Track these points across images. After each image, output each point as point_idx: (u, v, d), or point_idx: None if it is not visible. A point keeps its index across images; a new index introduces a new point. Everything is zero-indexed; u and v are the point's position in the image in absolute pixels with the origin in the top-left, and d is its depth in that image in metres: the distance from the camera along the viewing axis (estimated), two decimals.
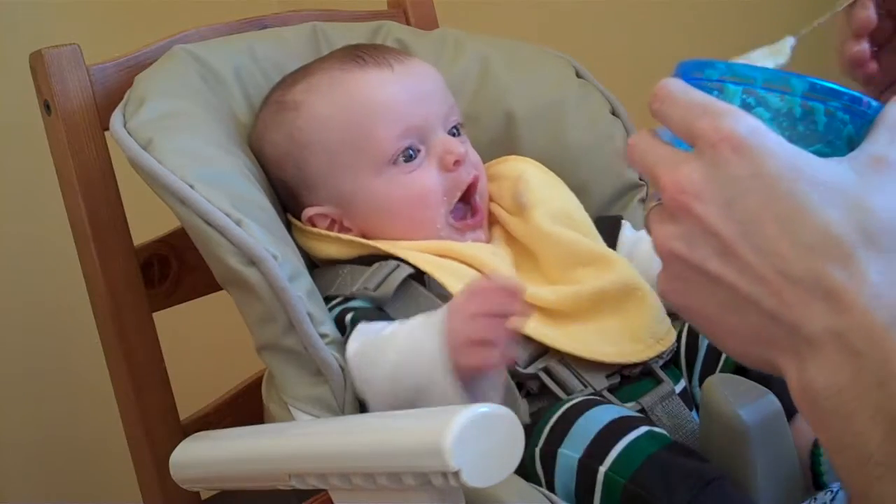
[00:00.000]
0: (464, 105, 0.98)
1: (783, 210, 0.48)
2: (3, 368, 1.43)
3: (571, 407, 0.72)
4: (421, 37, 1.06)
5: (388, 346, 0.74)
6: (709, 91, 0.52)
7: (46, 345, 1.47)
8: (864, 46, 0.68)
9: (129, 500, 1.04)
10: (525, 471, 0.70)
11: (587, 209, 0.92)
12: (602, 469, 0.67)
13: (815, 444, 0.71)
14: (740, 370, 0.73)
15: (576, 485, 0.68)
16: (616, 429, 0.69)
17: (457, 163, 0.86)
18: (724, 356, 0.80)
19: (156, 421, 0.90)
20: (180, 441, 0.84)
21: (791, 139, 0.51)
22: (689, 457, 0.67)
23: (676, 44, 1.48)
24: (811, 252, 0.47)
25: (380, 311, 0.81)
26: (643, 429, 0.69)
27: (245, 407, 0.98)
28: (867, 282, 0.46)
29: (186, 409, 0.96)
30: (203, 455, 0.82)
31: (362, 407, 0.78)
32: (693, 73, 0.54)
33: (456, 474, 0.56)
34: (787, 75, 0.52)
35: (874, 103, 0.53)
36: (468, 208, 0.89)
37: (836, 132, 0.52)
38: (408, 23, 1.11)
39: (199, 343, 1.48)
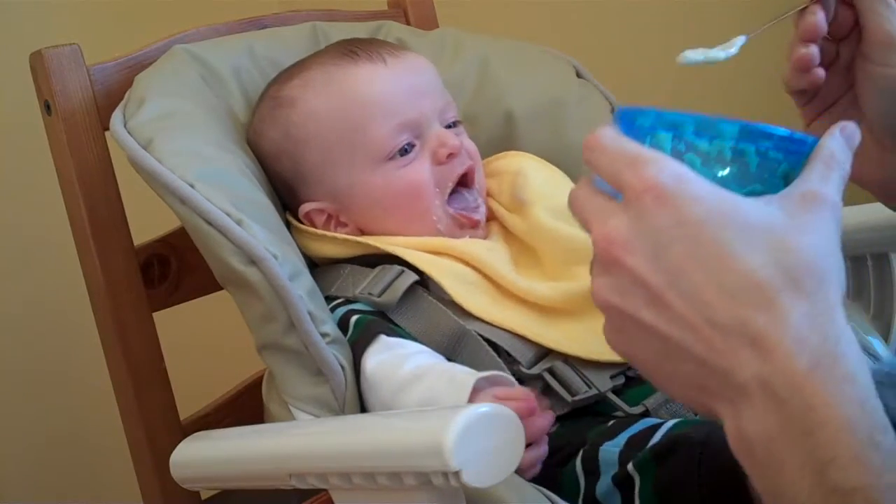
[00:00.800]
0: (463, 105, 0.98)
1: (708, 257, 0.48)
2: (3, 368, 1.43)
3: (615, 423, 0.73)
4: (421, 37, 1.06)
5: (404, 394, 0.74)
6: (641, 138, 0.52)
7: (46, 345, 1.47)
8: (812, 49, 0.66)
9: (129, 500, 1.04)
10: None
11: None
12: (639, 455, 0.68)
13: None
14: None
15: (617, 469, 0.69)
16: (654, 427, 0.70)
17: (450, 156, 0.86)
18: None
19: (156, 421, 0.90)
20: (180, 441, 0.84)
21: (724, 182, 0.51)
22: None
23: (676, 44, 1.47)
24: (736, 298, 0.47)
25: (383, 316, 0.81)
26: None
27: (245, 407, 0.98)
28: (790, 326, 0.46)
29: (186, 409, 0.95)
30: (203, 455, 0.82)
31: (362, 407, 0.78)
32: (628, 121, 0.53)
33: (457, 474, 0.55)
34: (717, 120, 0.52)
35: (809, 139, 0.52)
36: (472, 193, 0.88)
37: (771, 171, 0.52)
38: (408, 23, 1.11)
39: (199, 343, 1.48)
